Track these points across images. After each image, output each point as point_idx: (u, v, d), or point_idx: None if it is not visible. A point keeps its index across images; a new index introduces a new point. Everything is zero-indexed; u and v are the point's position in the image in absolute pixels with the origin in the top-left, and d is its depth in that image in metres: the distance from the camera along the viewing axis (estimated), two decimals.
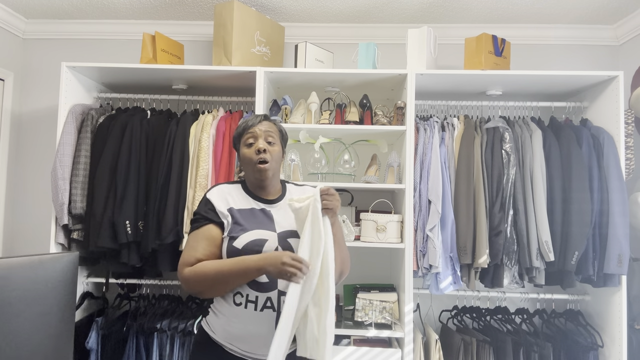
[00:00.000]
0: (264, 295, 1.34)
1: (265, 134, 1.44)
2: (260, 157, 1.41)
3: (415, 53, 2.29)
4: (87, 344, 2.18)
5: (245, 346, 1.35)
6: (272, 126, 1.48)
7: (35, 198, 2.73)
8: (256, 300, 1.34)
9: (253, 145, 1.43)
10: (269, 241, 1.36)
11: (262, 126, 1.45)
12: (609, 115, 2.22)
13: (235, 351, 1.36)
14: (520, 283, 2.17)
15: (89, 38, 2.80)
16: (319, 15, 2.62)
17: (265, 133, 1.44)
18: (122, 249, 2.15)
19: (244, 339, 1.35)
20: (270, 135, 1.45)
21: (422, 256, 2.16)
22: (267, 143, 1.44)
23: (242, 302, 1.34)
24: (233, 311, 1.35)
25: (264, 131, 1.44)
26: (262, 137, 1.44)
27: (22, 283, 1.24)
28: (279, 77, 2.34)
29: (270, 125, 1.48)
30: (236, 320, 1.35)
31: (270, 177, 1.44)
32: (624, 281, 2.11)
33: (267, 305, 1.34)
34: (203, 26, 2.75)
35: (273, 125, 1.49)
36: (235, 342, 1.36)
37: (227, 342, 1.36)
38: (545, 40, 2.71)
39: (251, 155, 1.42)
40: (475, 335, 2.21)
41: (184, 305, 2.38)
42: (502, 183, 2.17)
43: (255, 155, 1.41)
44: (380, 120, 2.26)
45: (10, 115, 2.71)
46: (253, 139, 1.44)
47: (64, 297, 1.37)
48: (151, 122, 2.31)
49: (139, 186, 2.20)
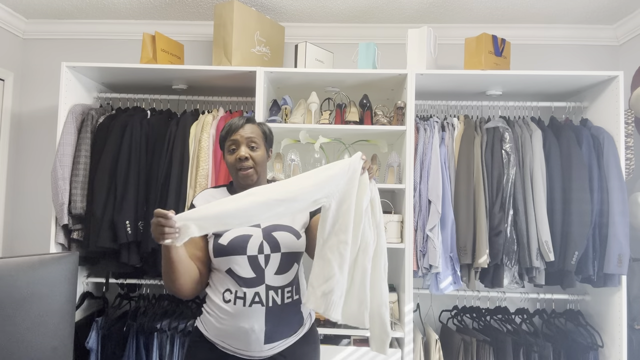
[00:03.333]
0: (252, 291, 1.36)
1: (247, 140, 1.45)
2: (242, 164, 1.44)
3: (415, 53, 2.29)
4: (87, 344, 2.18)
5: (237, 343, 1.38)
6: (254, 129, 1.48)
7: (35, 198, 2.73)
8: (244, 296, 1.35)
9: (235, 152, 1.45)
10: (253, 237, 1.39)
11: (244, 131, 1.46)
12: (609, 115, 2.21)
13: (227, 349, 1.39)
14: (520, 283, 2.17)
15: (89, 38, 2.80)
16: (319, 15, 2.62)
17: (248, 139, 1.45)
18: (122, 249, 2.15)
19: (235, 336, 1.37)
20: (253, 141, 1.46)
21: (422, 256, 2.16)
22: (250, 148, 1.45)
23: (230, 299, 1.37)
24: (223, 308, 1.37)
25: (246, 138, 1.45)
26: (245, 144, 1.45)
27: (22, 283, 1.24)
28: (279, 77, 2.34)
29: (253, 128, 1.48)
30: (226, 317, 1.37)
31: (255, 181, 1.47)
32: (624, 281, 2.11)
33: (256, 301, 1.35)
34: (203, 26, 2.75)
35: (256, 128, 1.49)
36: (227, 340, 1.38)
37: (219, 339, 1.39)
38: (545, 40, 2.71)
39: (234, 162, 1.45)
40: (475, 335, 2.21)
41: (184, 305, 2.38)
42: (502, 183, 2.17)
43: (238, 163, 1.44)
44: (380, 120, 2.26)
45: (10, 115, 2.71)
46: (235, 146, 1.45)
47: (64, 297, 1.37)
48: (151, 122, 2.31)
49: (139, 186, 2.20)
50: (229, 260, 1.37)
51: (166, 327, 2.20)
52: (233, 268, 1.37)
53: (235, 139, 1.45)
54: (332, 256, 1.26)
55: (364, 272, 1.31)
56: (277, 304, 1.38)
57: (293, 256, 1.43)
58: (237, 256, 1.36)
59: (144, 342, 2.22)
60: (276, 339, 1.39)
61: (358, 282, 1.31)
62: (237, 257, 1.36)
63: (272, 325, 1.37)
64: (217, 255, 1.39)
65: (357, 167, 1.31)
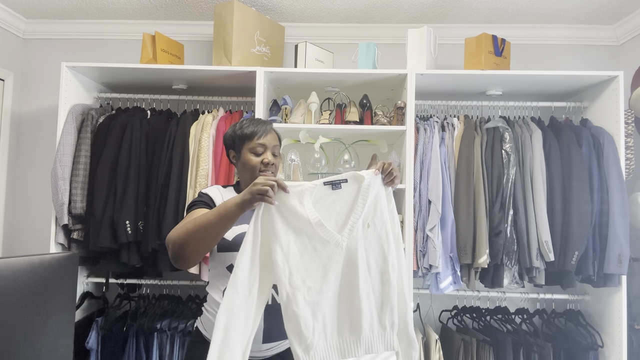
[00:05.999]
0: None
1: (273, 147, 1.49)
2: (266, 169, 1.46)
3: (415, 53, 2.29)
4: (87, 344, 2.18)
5: None
6: (276, 139, 1.53)
7: (35, 198, 2.73)
8: None
9: (261, 155, 1.47)
10: None
11: (271, 137, 1.50)
12: (609, 115, 2.21)
13: None
14: (520, 283, 2.17)
15: (89, 38, 2.80)
16: (319, 15, 2.62)
17: (273, 147, 1.49)
18: (122, 249, 2.15)
19: None
20: (276, 147, 1.51)
21: (422, 256, 2.16)
22: (273, 155, 1.49)
23: None
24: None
25: (272, 145, 1.49)
26: (270, 150, 1.48)
27: (22, 283, 1.24)
28: (279, 77, 2.34)
29: (275, 137, 1.53)
30: None
31: None
32: (624, 281, 2.11)
33: None
34: (203, 26, 2.75)
35: (277, 138, 1.54)
36: None
37: None
38: (545, 40, 2.71)
39: (257, 164, 1.46)
40: (475, 335, 2.21)
41: (184, 305, 2.38)
42: (502, 183, 2.17)
43: (262, 166, 1.46)
44: (380, 120, 2.26)
45: (10, 115, 2.71)
46: (262, 149, 1.48)
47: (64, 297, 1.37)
48: (151, 122, 2.31)
49: (139, 186, 2.20)
50: (231, 256, 1.37)
51: (166, 327, 2.20)
52: (234, 264, 1.37)
53: (263, 144, 1.47)
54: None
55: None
56: (276, 303, 1.38)
57: None
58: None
59: (144, 342, 2.22)
60: (275, 338, 1.39)
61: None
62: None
63: (270, 324, 1.37)
64: (220, 249, 1.40)
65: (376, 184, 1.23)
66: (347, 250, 1.19)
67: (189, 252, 1.27)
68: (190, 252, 1.27)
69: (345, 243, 1.19)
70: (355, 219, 1.20)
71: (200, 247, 1.27)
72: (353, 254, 1.19)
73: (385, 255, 1.22)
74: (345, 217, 1.20)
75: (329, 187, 1.20)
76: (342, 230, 1.19)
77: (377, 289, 1.21)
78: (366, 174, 1.22)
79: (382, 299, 1.21)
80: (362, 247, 1.21)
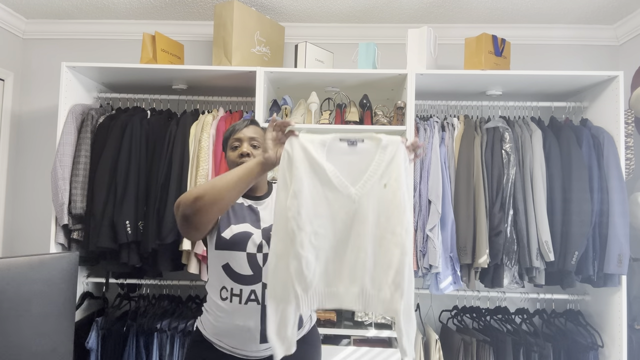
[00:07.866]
0: (248, 288, 1.37)
1: (249, 139, 1.48)
2: (243, 159, 1.44)
3: (415, 53, 2.29)
4: (87, 344, 2.18)
5: (232, 342, 1.39)
6: (257, 131, 1.52)
7: (35, 198, 2.73)
8: (240, 293, 1.37)
9: (237, 149, 1.47)
10: (254, 235, 1.41)
11: (247, 131, 1.49)
12: (609, 115, 2.22)
13: (224, 348, 1.40)
14: (520, 283, 2.17)
15: (89, 38, 2.80)
16: (319, 15, 2.62)
17: (250, 139, 1.48)
18: (122, 249, 2.15)
19: (230, 334, 1.39)
20: (255, 140, 1.49)
21: (422, 256, 2.16)
22: (252, 147, 1.48)
23: (227, 297, 1.39)
24: (220, 306, 1.39)
25: (249, 137, 1.48)
26: (247, 142, 1.48)
27: (22, 283, 1.24)
28: (279, 77, 2.34)
29: (256, 130, 1.52)
30: (223, 315, 1.39)
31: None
32: (624, 281, 2.11)
33: (252, 298, 1.37)
34: (203, 26, 2.75)
35: (259, 130, 1.53)
36: (223, 338, 1.40)
37: (215, 338, 1.41)
38: (545, 40, 2.71)
39: (235, 158, 1.47)
40: (475, 335, 2.21)
41: (184, 305, 2.38)
42: (502, 183, 2.17)
43: (239, 158, 1.45)
44: (380, 120, 2.26)
45: (10, 115, 2.71)
46: (238, 143, 1.48)
47: (64, 297, 1.37)
48: (151, 122, 2.31)
49: (139, 186, 2.20)
50: (228, 255, 1.39)
51: (166, 327, 2.20)
52: (230, 264, 1.38)
53: (238, 137, 1.48)
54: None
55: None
56: None
57: None
58: (237, 252, 1.39)
59: (144, 342, 2.22)
60: None
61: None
62: (237, 252, 1.39)
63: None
64: (217, 247, 1.41)
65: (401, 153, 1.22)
66: (359, 204, 1.18)
67: (204, 203, 1.21)
68: (205, 204, 1.21)
69: (358, 197, 1.18)
70: (371, 175, 1.19)
71: (217, 198, 1.21)
72: (364, 209, 1.18)
73: (400, 218, 1.21)
74: (360, 173, 1.19)
75: (344, 143, 1.20)
76: (355, 185, 1.18)
77: (386, 249, 1.19)
78: (384, 136, 1.21)
79: (390, 259, 1.18)
80: (376, 205, 1.20)
